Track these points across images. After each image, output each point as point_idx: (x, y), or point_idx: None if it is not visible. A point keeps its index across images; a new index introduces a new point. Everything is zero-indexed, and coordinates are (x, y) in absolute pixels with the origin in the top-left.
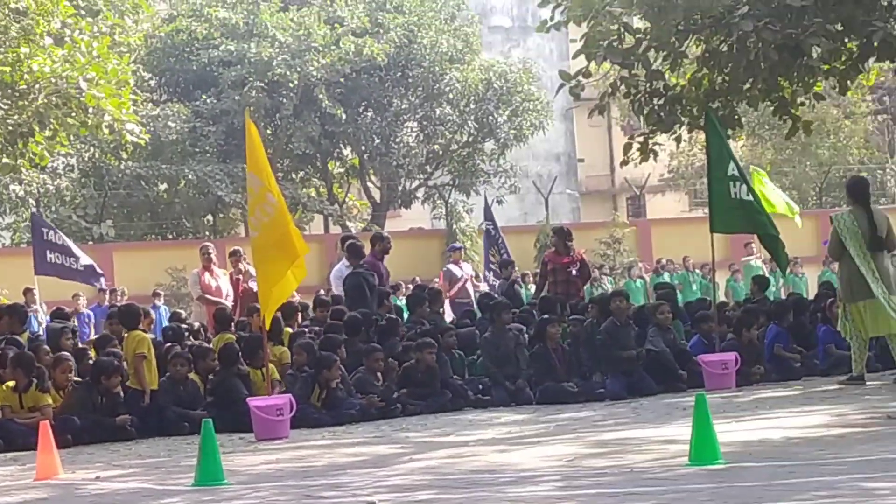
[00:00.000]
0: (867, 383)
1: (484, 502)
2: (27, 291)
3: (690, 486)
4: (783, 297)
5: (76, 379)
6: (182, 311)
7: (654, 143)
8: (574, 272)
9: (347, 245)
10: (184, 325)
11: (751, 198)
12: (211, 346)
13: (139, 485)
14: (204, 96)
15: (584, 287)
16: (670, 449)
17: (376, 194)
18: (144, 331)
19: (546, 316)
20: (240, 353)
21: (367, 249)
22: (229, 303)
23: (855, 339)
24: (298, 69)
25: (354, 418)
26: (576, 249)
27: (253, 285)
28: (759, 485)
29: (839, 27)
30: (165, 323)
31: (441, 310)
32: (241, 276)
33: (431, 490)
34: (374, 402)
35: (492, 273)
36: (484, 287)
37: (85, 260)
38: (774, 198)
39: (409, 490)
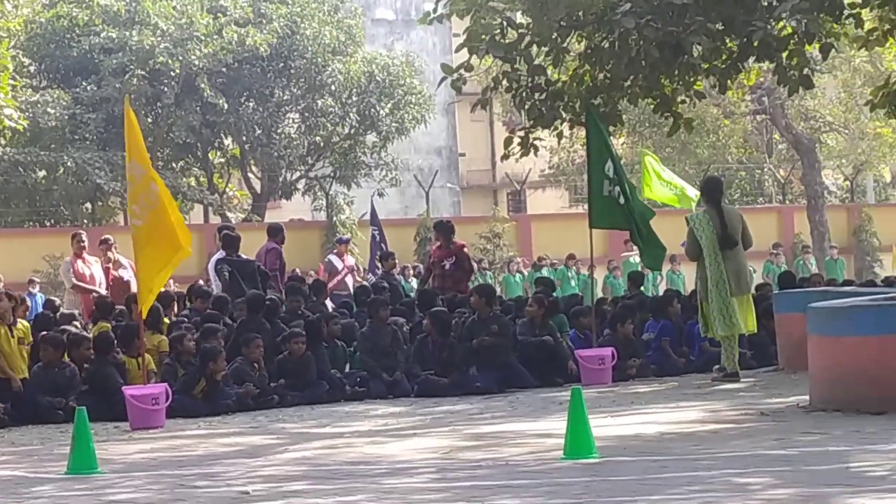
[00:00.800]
0: (742, 380)
1: (358, 493)
2: None
3: (564, 480)
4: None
5: None
6: (56, 299)
7: (535, 139)
8: (448, 266)
9: (222, 235)
10: (56, 314)
11: (622, 201)
12: (87, 334)
13: (11, 472)
14: (84, 83)
15: (468, 281)
16: (546, 443)
17: (257, 185)
18: (18, 318)
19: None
20: (115, 342)
21: (262, 241)
22: (103, 291)
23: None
24: (180, 58)
25: (231, 408)
26: (455, 243)
27: (122, 274)
28: (633, 479)
29: (720, 26)
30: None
31: (324, 301)
32: (110, 265)
33: (306, 481)
34: (251, 390)
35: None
36: (370, 279)
37: None
38: (661, 191)
39: (284, 480)
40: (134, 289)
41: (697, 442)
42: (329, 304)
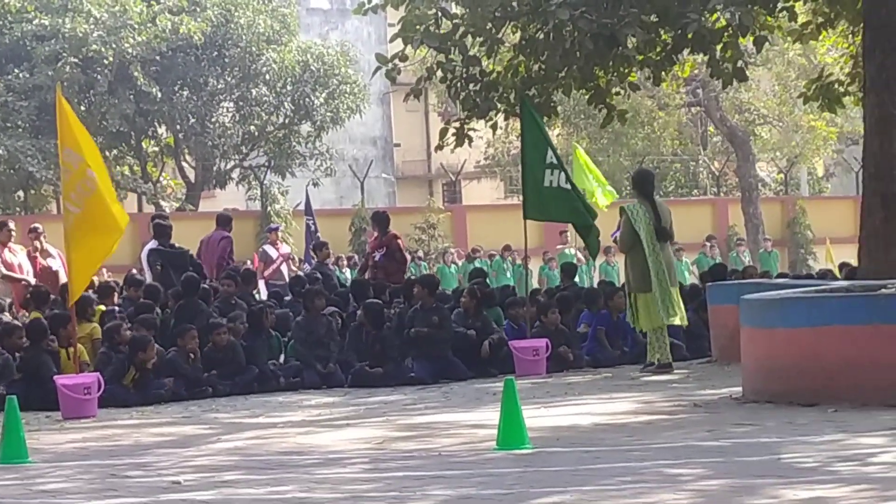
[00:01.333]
0: (675, 371)
1: (290, 483)
2: None
3: (497, 471)
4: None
5: None
6: None
7: (470, 129)
8: (378, 257)
9: (154, 225)
10: None
11: (568, 186)
12: (19, 323)
13: None
14: (17, 70)
15: (402, 272)
16: (478, 433)
17: (191, 174)
18: None
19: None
20: (48, 330)
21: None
22: (32, 279)
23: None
24: (114, 46)
25: (164, 398)
26: (387, 234)
27: (51, 263)
28: (566, 470)
29: (654, 18)
30: None
31: (255, 291)
32: (37, 254)
33: (238, 471)
34: (170, 384)
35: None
36: (306, 269)
37: None
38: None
39: (216, 470)
40: (63, 279)
41: (630, 433)
42: (263, 290)
